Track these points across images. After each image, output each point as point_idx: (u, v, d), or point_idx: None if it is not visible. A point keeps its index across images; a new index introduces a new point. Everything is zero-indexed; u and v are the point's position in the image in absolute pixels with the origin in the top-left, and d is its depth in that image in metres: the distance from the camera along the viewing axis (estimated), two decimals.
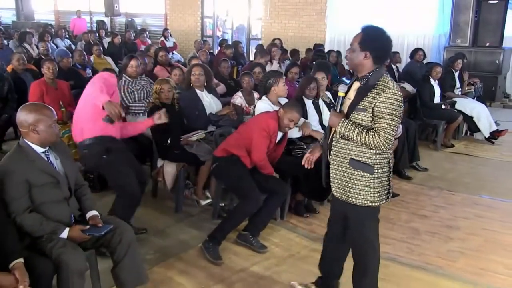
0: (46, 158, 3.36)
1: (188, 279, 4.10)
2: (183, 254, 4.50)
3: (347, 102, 3.27)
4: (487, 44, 11.49)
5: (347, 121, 3.18)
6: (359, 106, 3.15)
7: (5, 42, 11.80)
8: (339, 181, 3.32)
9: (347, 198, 3.28)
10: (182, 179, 5.37)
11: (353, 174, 3.23)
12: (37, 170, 3.27)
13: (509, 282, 4.17)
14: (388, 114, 3.07)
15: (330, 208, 3.63)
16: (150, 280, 3.71)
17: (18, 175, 3.20)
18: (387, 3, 12.52)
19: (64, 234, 3.27)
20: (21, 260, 2.96)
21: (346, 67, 10.90)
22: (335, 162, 3.32)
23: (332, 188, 3.38)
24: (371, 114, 3.11)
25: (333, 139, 3.31)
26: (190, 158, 5.31)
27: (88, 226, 3.39)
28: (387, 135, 3.07)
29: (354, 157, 3.21)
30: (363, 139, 3.10)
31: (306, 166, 3.83)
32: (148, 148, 5.77)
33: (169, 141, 5.28)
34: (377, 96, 3.08)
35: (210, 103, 6.05)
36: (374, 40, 3.17)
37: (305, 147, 5.22)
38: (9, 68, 7.89)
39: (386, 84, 3.10)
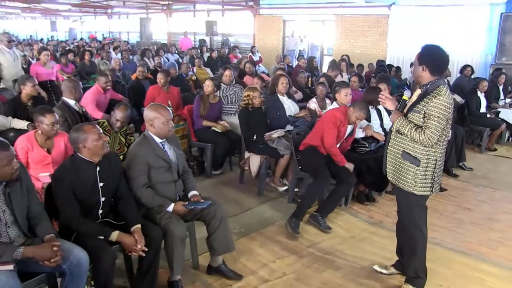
0: (162, 147, 3.45)
1: (266, 251, 4.10)
2: (263, 230, 4.51)
3: (408, 105, 3.28)
4: None
5: (403, 118, 3.20)
6: (415, 108, 3.16)
7: (131, 57, 12.33)
8: (393, 168, 3.33)
9: (398, 183, 3.30)
10: (265, 169, 5.36)
11: (404, 164, 3.23)
12: (155, 155, 3.38)
13: None
14: (435, 117, 3.05)
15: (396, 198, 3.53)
16: (235, 249, 3.74)
17: (142, 157, 3.34)
18: (441, 26, 12.01)
19: (170, 208, 3.37)
20: (139, 225, 3.10)
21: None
22: (391, 152, 3.34)
23: (387, 172, 3.38)
24: (423, 116, 3.10)
25: (392, 133, 3.31)
26: (271, 152, 5.30)
27: (187, 202, 3.45)
28: (430, 134, 3.04)
29: (406, 150, 3.22)
30: (412, 134, 3.11)
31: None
32: (237, 142, 5.82)
33: (255, 137, 5.30)
34: (430, 101, 3.07)
35: (290, 106, 6.00)
36: (429, 55, 3.16)
37: (367, 145, 5.10)
38: (133, 77, 8.25)
39: (440, 92, 3.07)
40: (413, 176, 3.18)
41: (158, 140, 3.43)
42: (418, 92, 3.23)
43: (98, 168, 3.09)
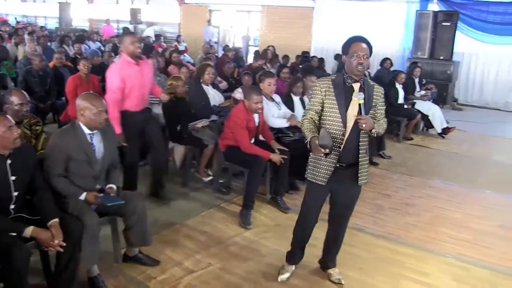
0: (89, 140, 3.30)
1: (191, 241, 4.06)
2: (188, 221, 4.46)
3: (356, 104, 3.04)
4: (441, 58, 11.44)
5: (375, 120, 3.07)
6: (372, 104, 3.10)
7: (49, 43, 11.71)
8: (365, 170, 3.20)
9: (366, 182, 3.22)
10: (189, 159, 5.32)
11: (366, 161, 3.20)
12: (78, 147, 3.24)
13: (454, 248, 4.19)
14: (384, 102, 3.19)
15: (337, 200, 3.37)
16: (159, 241, 3.72)
17: (62, 147, 3.20)
18: (362, 20, 12.56)
19: (82, 196, 3.25)
20: (57, 220, 2.96)
21: (328, 71, 10.88)
22: (363, 157, 3.16)
23: (361, 179, 3.18)
24: (375, 107, 3.12)
25: (360, 139, 3.10)
26: (196, 142, 5.26)
27: (102, 194, 3.32)
28: (385, 118, 3.18)
29: (366, 147, 3.17)
30: (384, 127, 3.15)
31: None
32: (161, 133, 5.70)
33: (179, 127, 5.23)
34: (378, 92, 3.13)
35: (214, 96, 5.99)
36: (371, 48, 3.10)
37: (291, 135, 5.19)
38: (50, 64, 7.86)
39: (369, 80, 3.15)
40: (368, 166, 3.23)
41: (87, 131, 3.28)
42: (357, 86, 3.08)
43: (9, 161, 2.90)
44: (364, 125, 2.93)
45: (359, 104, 2.99)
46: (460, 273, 3.79)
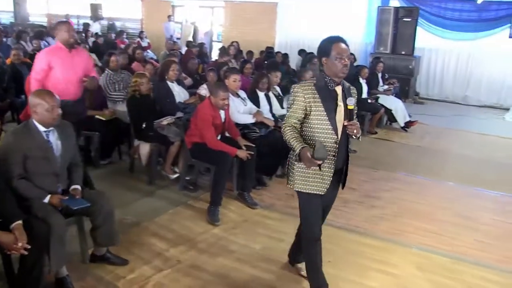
0: (45, 137, 3.23)
1: (159, 240, 4.03)
2: (155, 219, 4.42)
3: (342, 108, 2.96)
4: (403, 52, 11.66)
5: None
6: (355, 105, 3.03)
7: (4, 39, 11.31)
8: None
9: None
10: (155, 157, 5.27)
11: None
12: (34, 144, 3.17)
13: (418, 239, 4.30)
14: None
15: (325, 205, 3.24)
16: (127, 240, 3.66)
17: (16, 146, 3.12)
18: (325, 16, 12.68)
19: (46, 199, 3.19)
20: (20, 222, 2.87)
21: (292, 66, 10.95)
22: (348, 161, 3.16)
23: (346, 182, 3.23)
24: None
25: (348, 144, 3.10)
26: (161, 139, 5.20)
27: (67, 197, 3.26)
28: None
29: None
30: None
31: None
32: (126, 131, 5.64)
33: (144, 125, 5.17)
34: (354, 93, 3.07)
35: (179, 93, 5.95)
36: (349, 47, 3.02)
37: (257, 131, 5.20)
38: (8, 61, 7.63)
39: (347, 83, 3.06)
40: None
41: (42, 128, 3.21)
42: (340, 88, 2.99)
43: None
44: (355, 131, 2.86)
45: (349, 110, 2.90)
46: (424, 262, 3.90)
